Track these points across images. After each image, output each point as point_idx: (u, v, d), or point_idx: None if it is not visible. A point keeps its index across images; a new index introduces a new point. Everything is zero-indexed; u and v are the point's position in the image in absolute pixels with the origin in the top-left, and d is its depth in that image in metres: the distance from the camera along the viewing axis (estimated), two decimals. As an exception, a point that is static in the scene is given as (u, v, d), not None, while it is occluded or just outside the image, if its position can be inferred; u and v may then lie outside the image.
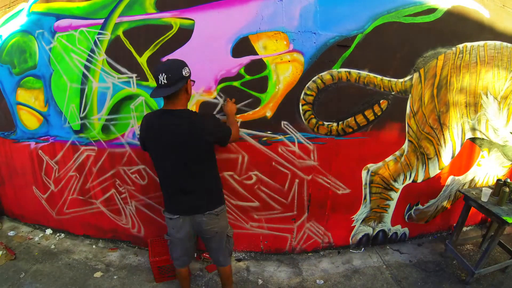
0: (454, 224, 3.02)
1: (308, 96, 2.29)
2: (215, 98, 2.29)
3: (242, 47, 2.17)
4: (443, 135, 2.66)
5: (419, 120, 2.54)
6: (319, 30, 2.15)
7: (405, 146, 2.60)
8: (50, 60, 2.48)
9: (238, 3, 2.11)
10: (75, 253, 2.83)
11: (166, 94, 1.56)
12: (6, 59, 2.67)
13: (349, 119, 2.40)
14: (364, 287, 2.46)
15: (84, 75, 2.41)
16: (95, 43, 2.32)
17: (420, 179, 2.78)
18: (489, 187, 2.65)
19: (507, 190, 2.35)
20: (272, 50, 2.18)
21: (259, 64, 2.21)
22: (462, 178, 2.96)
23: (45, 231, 3.13)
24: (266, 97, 2.28)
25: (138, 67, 2.29)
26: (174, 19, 2.18)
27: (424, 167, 2.73)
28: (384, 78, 2.35)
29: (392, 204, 2.81)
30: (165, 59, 1.61)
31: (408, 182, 2.75)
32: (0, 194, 3.36)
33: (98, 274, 2.55)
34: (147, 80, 2.31)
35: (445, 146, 2.71)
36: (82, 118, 2.53)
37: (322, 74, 2.25)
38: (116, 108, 2.43)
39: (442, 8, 2.29)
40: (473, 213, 2.69)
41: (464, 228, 3.08)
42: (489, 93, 2.67)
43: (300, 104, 2.31)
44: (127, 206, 2.75)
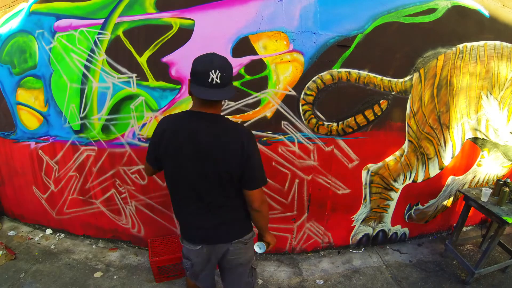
0: (454, 224, 3.02)
1: (308, 96, 2.29)
2: (215, 98, 2.28)
3: (242, 47, 2.17)
4: (443, 135, 2.66)
5: (419, 120, 2.54)
6: (319, 30, 2.15)
7: (405, 146, 2.60)
8: (50, 60, 2.48)
9: (238, 3, 2.11)
10: (75, 253, 2.83)
11: (224, 98, 1.26)
12: (6, 59, 2.67)
13: (349, 119, 2.40)
14: (364, 287, 2.46)
15: (84, 75, 2.41)
16: (95, 43, 2.32)
17: (420, 179, 2.78)
18: (489, 187, 2.65)
19: (507, 190, 2.35)
20: (272, 50, 2.18)
21: (259, 64, 2.21)
22: (462, 178, 2.96)
23: (45, 231, 3.13)
24: (266, 97, 2.28)
25: (138, 67, 2.29)
26: (174, 19, 2.18)
27: (424, 167, 2.73)
28: (384, 78, 2.35)
29: (392, 204, 2.81)
30: (210, 53, 1.27)
31: (408, 182, 2.75)
32: (0, 194, 3.36)
33: (98, 274, 2.55)
34: (147, 80, 2.31)
35: (445, 146, 2.71)
36: (82, 118, 2.53)
37: (322, 74, 2.25)
38: (116, 108, 2.43)
39: (442, 8, 2.29)
40: (473, 213, 2.69)
41: (464, 228, 3.08)
42: (489, 93, 2.67)
43: (300, 104, 2.31)
44: (127, 206, 2.75)
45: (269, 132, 2.37)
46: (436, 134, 2.63)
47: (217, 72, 1.19)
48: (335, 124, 2.39)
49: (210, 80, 1.19)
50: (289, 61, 2.20)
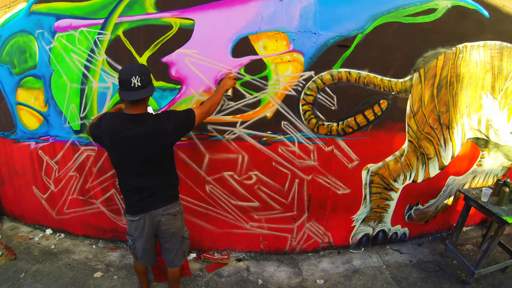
0: (454, 224, 3.02)
1: (308, 96, 2.29)
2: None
3: (242, 47, 2.17)
4: (443, 135, 2.66)
5: (419, 120, 2.54)
6: (319, 30, 2.15)
7: (405, 146, 2.60)
8: (50, 60, 2.48)
9: (238, 3, 2.11)
10: (75, 253, 2.83)
11: (141, 97, 1.56)
12: (6, 59, 2.67)
13: (349, 119, 2.40)
14: (364, 287, 2.46)
15: (84, 75, 2.41)
16: (95, 43, 2.32)
17: (420, 179, 2.78)
18: (489, 187, 2.65)
19: (507, 190, 2.35)
20: (272, 50, 2.18)
21: (259, 64, 2.21)
22: (462, 178, 2.96)
23: (45, 231, 3.14)
24: (266, 97, 2.28)
25: (138, 67, 2.29)
26: (174, 19, 2.18)
27: (424, 167, 2.73)
28: (384, 78, 2.35)
29: (392, 204, 2.81)
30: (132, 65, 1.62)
31: (408, 182, 2.75)
32: (0, 194, 3.36)
33: (98, 274, 2.55)
34: (147, 80, 2.31)
35: (445, 146, 2.71)
36: (82, 118, 2.53)
37: (322, 74, 2.25)
38: (116, 108, 2.43)
39: (442, 8, 2.29)
40: (473, 213, 2.69)
41: (464, 228, 3.08)
42: (489, 93, 2.67)
43: (300, 104, 2.31)
44: (127, 206, 2.75)
45: (269, 132, 2.37)
46: (436, 134, 2.63)
47: (137, 77, 1.52)
48: (335, 124, 2.39)
49: (133, 85, 1.52)
50: (289, 61, 2.20)
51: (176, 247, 1.97)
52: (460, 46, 2.44)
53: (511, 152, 3.03)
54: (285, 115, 2.33)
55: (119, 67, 2.33)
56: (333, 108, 2.35)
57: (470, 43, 2.46)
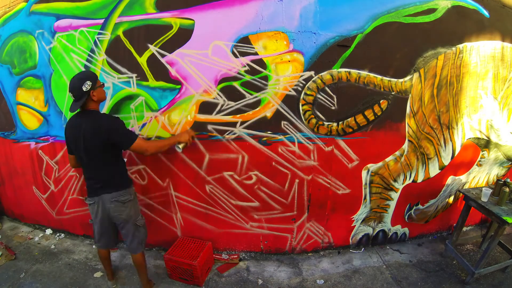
0: (454, 224, 3.02)
1: (308, 96, 2.29)
2: (215, 98, 2.29)
3: (242, 47, 2.17)
4: (443, 135, 2.66)
5: (419, 120, 2.54)
6: (319, 30, 2.15)
7: (405, 146, 2.60)
8: (50, 60, 2.48)
9: (238, 3, 2.11)
10: (75, 253, 2.83)
11: (75, 108, 1.85)
12: (6, 59, 2.67)
13: (349, 119, 2.40)
14: (364, 287, 2.46)
15: (84, 75, 2.41)
16: (95, 43, 2.32)
17: (420, 179, 2.78)
18: (489, 187, 2.65)
19: (507, 190, 2.35)
20: (272, 50, 2.18)
21: (259, 64, 2.21)
22: (462, 178, 2.96)
23: (45, 231, 3.14)
24: (266, 97, 2.28)
25: (138, 67, 2.29)
26: (174, 19, 2.18)
27: (424, 167, 2.73)
28: (384, 78, 2.35)
29: (392, 204, 2.81)
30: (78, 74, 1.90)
31: (408, 182, 2.75)
32: (0, 194, 3.36)
33: (98, 274, 2.55)
34: (147, 80, 2.32)
35: (445, 146, 2.71)
36: (82, 118, 2.53)
37: (322, 74, 2.25)
38: (116, 108, 2.43)
39: (442, 8, 2.29)
40: (473, 213, 2.69)
41: (464, 228, 3.08)
42: (489, 93, 2.67)
43: (300, 104, 2.31)
44: (127, 206, 2.75)
45: (269, 132, 2.37)
46: (436, 134, 2.63)
47: (70, 93, 1.84)
48: (335, 124, 2.39)
49: (73, 97, 1.86)
50: (289, 61, 2.20)
51: (130, 234, 2.14)
52: (460, 46, 2.44)
53: (511, 152, 3.03)
54: (285, 115, 2.33)
55: (119, 67, 2.33)
56: (333, 108, 2.35)
57: (470, 43, 2.46)
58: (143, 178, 2.60)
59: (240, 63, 2.21)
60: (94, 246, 2.92)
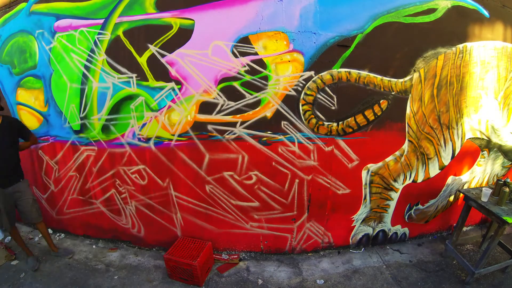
0: (454, 224, 3.02)
1: (308, 96, 2.29)
2: (215, 98, 2.29)
3: (242, 47, 2.17)
4: (443, 135, 2.66)
5: (419, 120, 2.54)
6: (319, 30, 2.15)
7: (405, 146, 2.60)
8: (50, 60, 2.48)
9: (238, 3, 2.11)
10: (75, 253, 2.83)
11: None
12: (6, 59, 2.67)
13: (349, 119, 2.40)
14: (364, 287, 2.46)
15: (84, 75, 2.41)
16: (95, 43, 2.32)
17: (420, 179, 2.78)
18: (489, 187, 2.65)
19: (507, 190, 2.35)
20: (272, 50, 2.18)
21: (259, 64, 2.21)
22: (462, 178, 2.96)
23: (45, 231, 3.13)
24: (266, 97, 2.28)
25: (138, 67, 2.29)
26: (174, 19, 2.18)
27: (424, 167, 2.73)
28: (384, 78, 2.35)
29: (392, 204, 2.81)
30: None
31: (408, 182, 2.75)
32: (0, 194, 3.35)
33: (98, 274, 2.54)
34: (147, 80, 2.31)
35: (445, 146, 2.71)
36: (82, 118, 2.53)
37: (322, 74, 2.25)
38: (116, 108, 2.43)
39: (442, 8, 2.29)
40: (473, 213, 2.69)
41: (464, 228, 3.08)
42: (489, 93, 2.66)
43: (300, 104, 2.31)
44: (127, 206, 2.75)
45: (269, 132, 2.37)
46: (436, 134, 2.63)
47: None
48: (335, 124, 2.39)
49: None
50: (289, 61, 2.20)
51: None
52: (460, 46, 2.44)
53: (511, 152, 3.03)
54: (285, 115, 2.33)
55: (119, 67, 2.33)
56: (333, 108, 2.35)
57: (470, 43, 2.46)
58: (143, 178, 2.60)
59: (240, 63, 2.21)
60: (94, 246, 2.92)
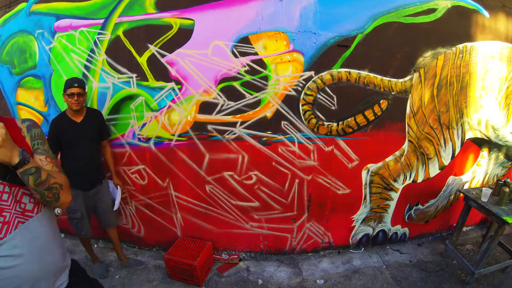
0: (454, 224, 3.02)
1: (308, 96, 2.29)
2: (215, 98, 2.29)
3: (242, 47, 2.17)
4: (443, 135, 2.66)
5: (419, 120, 2.54)
6: (319, 30, 2.15)
7: (405, 146, 2.60)
8: (50, 60, 2.48)
9: (238, 3, 2.11)
10: (75, 253, 2.82)
11: None
12: (6, 59, 2.67)
13: (349, 119, 2.40)
14: (364, 287, 2.46)
15: (84, 75, 2.41)
16: (95, 43, 2.32)
17: (420, 179, 2.78)
18: (489, 187, 2.65)
19: (507, 190, 2.35)
20: (272, 50, 2.18)
21: (259, 64, 2.21)
22: (462, 178, 2.96)
23: (45, 231, 3.13)
24: (266, 97, 2.28)
25: (138, 67, 2.29)
26: (174, 19, 2.18)
27: (424, 167, 2.73)
28: (384, 78, 2.35)
29: (392, 204, 2.81)
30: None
31: (408, 182, 2.75)
32: None
33: (98, 274, 2.55)
34: (147, 80, 2.32)
35: (445, 146, 2.71)
36: (82, 118, 2.52)
37: (322, 74, 2.25)
38: (116, 108, 2.43)
39: (442, 8, 2.29)
40: (473, 213, 2.69)
41: (464, 228, 3.08)
42: (489, 93, 2.66)
43: (300, 104, 2.31)
44: (127, 206, 2.75)
45: (269, 132, 2.37)
46: (436, 134, 2.63)
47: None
48: (335, 124, 2.39)
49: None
50: (289, 61, 2.20)
51: None
52: (460, 46, 2.44)
53: (511, 152, 3.03)
54: (285, 115, 2.33)
55: (119, 67, 2.33)
56: (333, 108, 2.35)
57: (470, 43, 2.46)
58: (143, 178, 2.60)
59: (240, 63, 2.21)
60: (94, 246, 2.92)
